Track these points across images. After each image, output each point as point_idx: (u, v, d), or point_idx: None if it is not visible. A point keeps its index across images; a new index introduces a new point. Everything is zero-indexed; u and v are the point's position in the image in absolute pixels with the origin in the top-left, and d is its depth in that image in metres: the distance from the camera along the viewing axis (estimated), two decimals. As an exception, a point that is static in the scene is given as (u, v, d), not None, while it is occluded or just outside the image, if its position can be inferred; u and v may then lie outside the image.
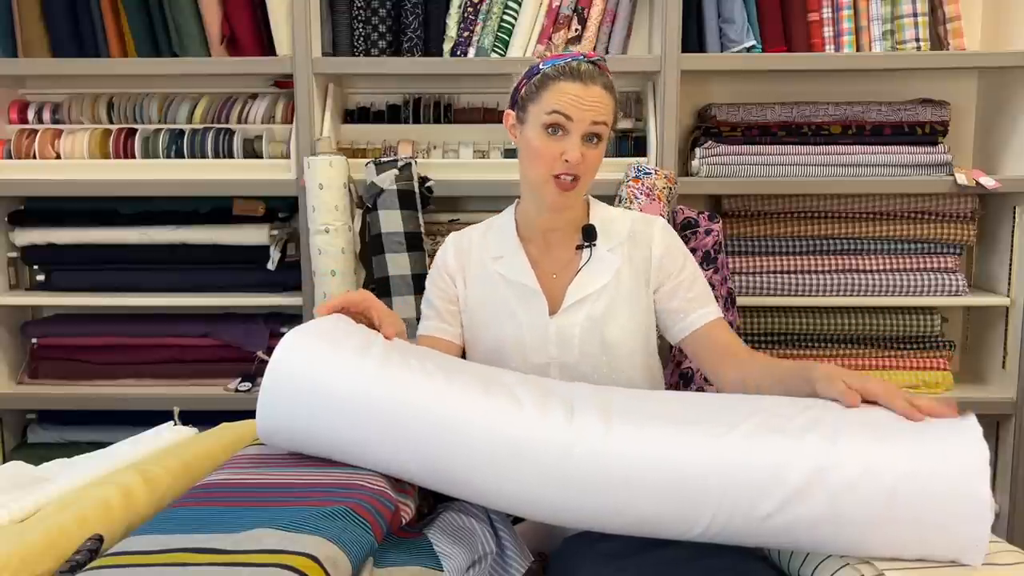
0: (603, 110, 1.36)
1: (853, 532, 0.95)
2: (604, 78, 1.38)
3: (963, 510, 0.92)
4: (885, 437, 0.99)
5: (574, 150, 1.34)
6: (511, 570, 1.08)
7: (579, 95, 1.35)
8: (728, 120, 2.31)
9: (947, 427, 1.00)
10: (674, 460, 1.00)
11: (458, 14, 2.30)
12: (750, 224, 2.35)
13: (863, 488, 0.94)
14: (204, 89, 2.47)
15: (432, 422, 1.07)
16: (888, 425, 1.02)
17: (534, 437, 1.04)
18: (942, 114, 2.31)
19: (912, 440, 0.98)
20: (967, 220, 2.34)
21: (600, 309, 1.44)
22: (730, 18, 2.27)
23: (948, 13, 2.28)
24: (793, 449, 0.98)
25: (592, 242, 1.46)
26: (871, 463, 0.95)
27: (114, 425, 2.38)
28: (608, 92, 1.38)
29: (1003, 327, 2.35)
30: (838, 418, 1.04)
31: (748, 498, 0.97)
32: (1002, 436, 2.38)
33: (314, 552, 0.85)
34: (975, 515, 0.92)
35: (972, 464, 0.93)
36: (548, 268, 1.48)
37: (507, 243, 1.50)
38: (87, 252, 2.40)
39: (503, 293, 1.48)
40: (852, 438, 0.99)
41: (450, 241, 1.56)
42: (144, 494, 1.06)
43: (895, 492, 0.94)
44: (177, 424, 1.39)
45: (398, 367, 1.13)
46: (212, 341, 2.38)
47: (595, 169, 1.40)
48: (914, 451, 0.96)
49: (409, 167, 2.15)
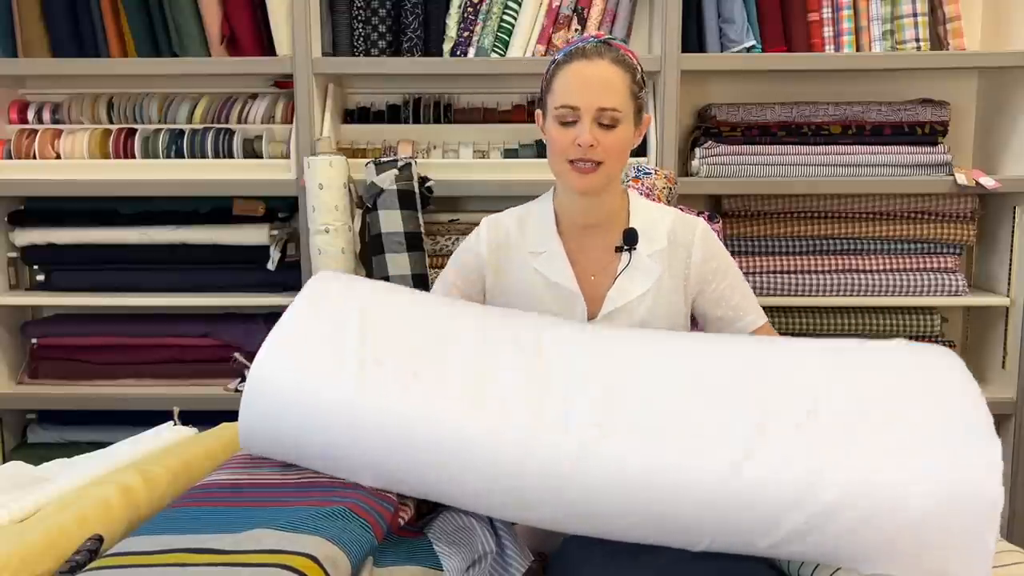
0: (610, 91, 1.34)
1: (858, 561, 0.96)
2: (614, 53, 1.36)
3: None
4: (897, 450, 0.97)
5: (584, 135, 1.34)
6: (511, 570, 1.08)
7: (584, 74, 1.34)
8: (728, 120, 2.31)
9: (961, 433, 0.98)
10: (672, 493, 0.99)
11: (458, 14, 2.30)
12: (750, 224, 2.35)
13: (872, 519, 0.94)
14: (204, 89, 2.47)
15: (421, 440, 1.05)
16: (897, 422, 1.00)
17: (526, 454, 1.03)
18: (942, 114, 2.31)
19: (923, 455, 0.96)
20: (967, 220, 2.34)
21: (639, 317, 1.41)
22: (730, 18, 2.27)
23: (948, 13, 2.28)
24: (797, 490, 0.96)
25: (633, 246, 1.43)
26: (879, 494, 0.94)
27: (114, 425, 2.37)
28: (618, 66, 1.35)
29: (1003, 327, 2.35)
30: (846, 411, 1.03)
31: (748, 535, 0.98)
32: (1002, 436, 2.35)
33: (313, 552, 0.85)
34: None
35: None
36: (587, 268, 1.45)
37: (546, 238, 1.47)
38: (87, 252, 2.39)
39: (540, 291, 1.45)
40: (861, 457, 0.97)
41: (484, 229, 1.51)
42: (144, 494, 1.06)
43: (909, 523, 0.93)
44: (177, 424, 1.39)
45: (380, 380, 1.10)
46: (212, 341, 2.38)
47: (618, 153, 1.37)
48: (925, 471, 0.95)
49: (409, 167, 2.15)
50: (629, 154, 1.42)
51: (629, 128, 1.38)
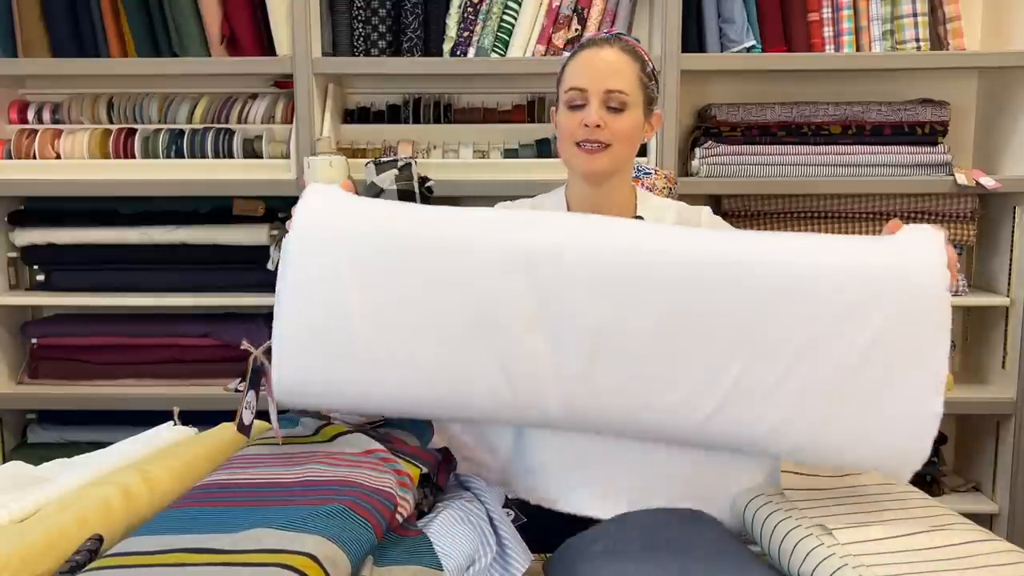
0: (618, 75, 1.36)
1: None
2: (622, 43, 1.38)
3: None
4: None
5: (591, 115, 1.35)
6: (511, 570, 1.08)
7: (591, 59, 1.37)
8: (728, 120, 2.31)
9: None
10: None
11: (458, 14, 2.30)
12: (750, 224, 2.35)
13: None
14: (204, 89, 2.47)
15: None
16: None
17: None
18: (942, 114, 2.31)
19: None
20: (967, 220, 2.34)
21: None
22: (730, 18, 2.27)
23: (948, 13, 2.28)
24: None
25: None
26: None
27: (114, 425, 2.37)
28: (626, 54, 1.37)
29: (1003, 327, 2.35)
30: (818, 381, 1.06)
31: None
32: (1002, 436, 2.38)
33: (313, 551, 0.85)
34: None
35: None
36: None
37: None
38: (87, 252, 2.40)
39: None
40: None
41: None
42: (144, 494, 1.06)
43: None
44: (177, 424, 1.39)
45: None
46: (212, 341, 2.38)
47: (626, 138, 1.38)
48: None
49: (409, 167, 2.15)
50: (639, 143, 1.43)
51: (638, 114, 1.39)
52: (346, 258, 1.10)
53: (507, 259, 1.08)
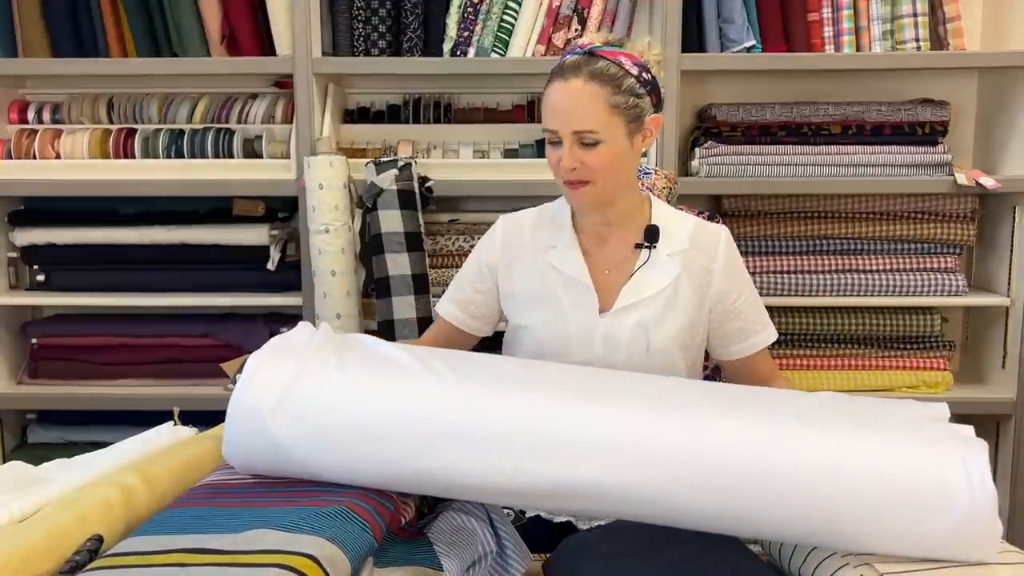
0: (583, 113, 1.32)
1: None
2: (592, 65, 1.33)
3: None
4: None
5: (566, 158, 1.34)
6: (511, 570, 1.08)
7: (559, 96, 1.34)
8: (728, 120, 2.31)
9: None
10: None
11: (458, 14, 2.30)
12: (750, 224, 2.35)
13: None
14: (204, 89, 2.46)
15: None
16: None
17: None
18: (942, 114, 2.31)
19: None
20: (967, 220, 2.34)
21: (653, 315, 1.40)
22: (730, 18, 2.27)
23: (948, 13, 2.28)
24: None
25: (653, 243, 1.43)
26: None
27: (114, 425, 2.37)
28: (594, 82, 1.31)
29: (1003, 327, 2.35)
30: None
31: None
32: (1002, 436, 2.38)
33: (313, 552, 0.85)
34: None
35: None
36: (601, 263, 1.44)
37: (561, 233, 1.47)
38: (87, 252, 2.39)
39: (553, 285, 1.44)
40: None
41: (499, 227, 1.51)
42: (144, 494, 1.06)
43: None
44: (177, 424, 1.39)
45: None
46: (212, 341, 2.37)
47: (606, 169, 1.35)
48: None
49: (409, 167, 2.15)
50: (630, 164, 1.41)
51: (616, 143, 1.35)
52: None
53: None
